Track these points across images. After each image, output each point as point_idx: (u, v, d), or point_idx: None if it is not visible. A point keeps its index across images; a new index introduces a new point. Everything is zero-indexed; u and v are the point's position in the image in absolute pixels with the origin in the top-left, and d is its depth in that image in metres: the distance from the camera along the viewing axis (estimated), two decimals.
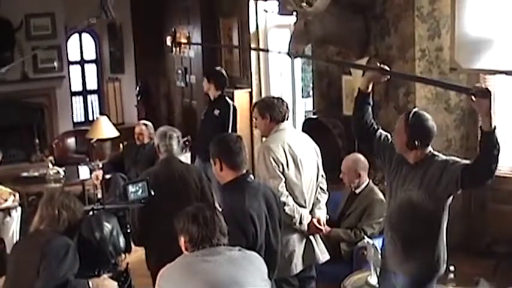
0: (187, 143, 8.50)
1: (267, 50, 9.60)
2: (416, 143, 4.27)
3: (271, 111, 5.23)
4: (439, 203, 4.30)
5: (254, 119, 5.44)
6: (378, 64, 4.57)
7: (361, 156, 6.13)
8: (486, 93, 3.80)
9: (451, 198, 4.34)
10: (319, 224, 5.32)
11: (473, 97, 3.86)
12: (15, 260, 4.16)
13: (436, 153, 4.37)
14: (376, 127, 4.60)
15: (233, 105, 8.48)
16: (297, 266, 5.20)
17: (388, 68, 4.52)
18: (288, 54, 6.93)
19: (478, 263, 6.41)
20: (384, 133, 4.60)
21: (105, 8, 5.49)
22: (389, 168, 4.52)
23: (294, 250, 5.18)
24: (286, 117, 5.28)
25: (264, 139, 5.48)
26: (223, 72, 8.62)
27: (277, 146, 5.10)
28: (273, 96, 5.78)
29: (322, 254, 5.42)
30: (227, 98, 8.55)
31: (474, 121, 6.87)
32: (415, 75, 6.56)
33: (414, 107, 6.57)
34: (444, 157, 4.34)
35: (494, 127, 3.89)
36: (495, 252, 6.59)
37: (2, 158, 8.31)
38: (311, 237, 5.34)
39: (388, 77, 4.61)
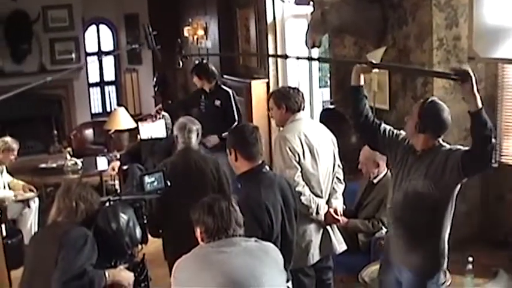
0: (159, 111, 8.47)
1: (286, 56, 9.51)
2: (425, 127, 4.22)
3: (287, 101, 5.21)
4: (444, 192, 4.22)
5: (270, 109, 5.42)
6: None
7: None
8: (466, 76, 3.86)
9: (457, 188, 4.26)
10: (336, 214, 5.30)
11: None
12: (34, 251, 4.18)
13: (444, 143, 4.32)
14: (378, 121, 4.56)
15: (232, 91, 8.48)
16: (314, 256, 5.19)
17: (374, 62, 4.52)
18: (308, 58, 6.88)
19: (496, 253, 6.37)
20: (388, 127, 4.57)
21: (148, 38, 5.51)
22: (394, 161, 4.50)
23: (310, 240, 5.16)
24: (302, 107, 5.26)
25: (281, 128, 5.45)
26: (210, 65, 8.63)
27: (293, 136, 5.08)
28: (289, 86, 5.76)
29: (339, 245, 5.40)
30: (223, 86, 8.59)
31: (492, 111, 6.83)
32: (400, 65, 6.59)
33: (432, 97, 6.55)
34: (449, 146, 4.30)
35: (481, 107, 3.89)
36: None
37: (20, 149, 8.35)
38: (328, 227, 5.31)
39: (377, 70, 4.58)
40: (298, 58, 7.90)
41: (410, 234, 4.35)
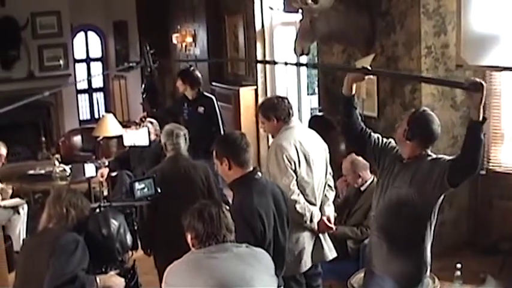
0: (143, 119, 8.48)
1: (274, 62, 9.52)
2: (413, 135, 4.19)
3: (275, 112, 5.20)
4: (427, 201, 4.21)
5: (261, 123, 5.41)
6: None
7: (358, 157, 6.03)
8: (479, 87, 3.78)
9: (440, 198, 4.23)
10: (329, 222, 5.31)
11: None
12: (25, 258, 4.16)
13: (430, 153, 4.29)
14: (368, 130, 4.52)
15: (215, 98, 8.52)
16: (307, 263, 5.20)
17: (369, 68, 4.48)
18: (296, 64, 6.87)
19: (485, 260, 6.41)
20: (377, 135, 4.53)
21: (145, 57, 5.50)
22: (380, 169, 4.47)
23: (303, 248, 5.17)
24: (292, 113, 5.26)
25: (269, 136, 5.44)
26: (197, 72, 8.64)
27: (289, 144, 5.07)
28: (272, 96, 5.76)
29: (330, 252, 5.41)
30: (206, 93, 8.61)
31: None
32: (400, 73, 6.59)
33: (421, 104, 6.59)
34: (435, 156, 4.28)
35: (484, 119, 3.85)
36: (501, 249, 6.59)
37: (8, 155, 8.31)
38: (320, 235, 5.33)
39: (371, 76, 4.48)
40: (286, 64, 7.90)
41: (392, 243, 4.33)
